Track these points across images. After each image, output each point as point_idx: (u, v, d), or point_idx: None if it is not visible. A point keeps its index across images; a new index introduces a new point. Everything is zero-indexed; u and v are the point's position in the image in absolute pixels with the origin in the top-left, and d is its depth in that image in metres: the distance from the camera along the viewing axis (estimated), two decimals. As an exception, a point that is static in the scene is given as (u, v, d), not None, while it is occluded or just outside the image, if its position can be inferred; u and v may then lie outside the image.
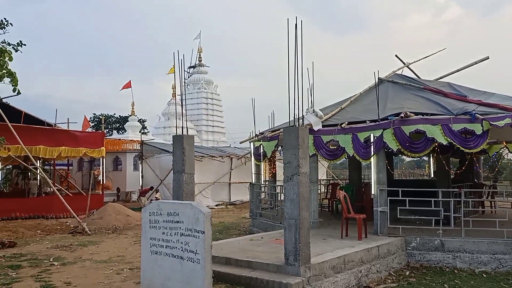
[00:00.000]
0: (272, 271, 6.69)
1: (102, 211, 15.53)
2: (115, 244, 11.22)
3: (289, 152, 6.62)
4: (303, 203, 6.51)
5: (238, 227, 14.09)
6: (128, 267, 8.33)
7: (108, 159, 24.27)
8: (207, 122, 40.80)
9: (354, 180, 14.30)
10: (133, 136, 31.53)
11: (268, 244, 8.60)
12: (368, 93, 12.20)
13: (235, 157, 23.95)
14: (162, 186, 22.29)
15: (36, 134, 16.74)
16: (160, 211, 5.94)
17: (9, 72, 9.06)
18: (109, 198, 22.77)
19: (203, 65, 43.40)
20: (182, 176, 7.75)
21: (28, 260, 9.09)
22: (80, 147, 18.34)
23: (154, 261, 5.90)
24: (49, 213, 16.52)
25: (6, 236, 11.92)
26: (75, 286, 7.01)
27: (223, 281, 6.77)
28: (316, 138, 10.03)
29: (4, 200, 17.29)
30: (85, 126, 26.10)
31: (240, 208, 21.27)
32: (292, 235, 6.49)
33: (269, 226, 11.44)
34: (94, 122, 47.26)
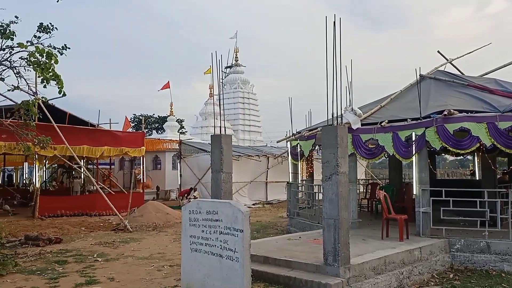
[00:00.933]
0: (311, 271, 6.63)
1: (143, 209, 15.90)
2: (155, 241, 11.46)
3: (328, 151, 6.54)
4: (342, 202, 6.42)
5: (275, 226, 14.08)
6: (169, 264, 8.48)
7: (148, 158, 24.87)
8: (243, 121, 41.05)
9: (394, 179, 13.98)
10: (172, 135, 32.15)
11: (306, 243, 8.54)
12: (409, 91, 11.89)
13: (272, 156, 23.96)
14: (200, 185, 22.58)
15: (80, 134, 17.34)
16: (199, 209, 6.01)
17: (55, 75, 9.41)
18: (149, 196, 23.32)
19: (239, 65, 43.69)
20: (220, 175, 7.81)
21: (73, 255, 9.43)
22: (122, 147, 18.88)
23: (194, 259, 5.97)
24: (92, 211, 17.07)
25: (52, 232, 12.40)
26: (118, 282, 7.21)
27: (261, 279, 6.78)
28: (355, 137, 9.88)
29: (50, 198, 18.02)
30: (126, 126, 26.87)
31: (277, 207, 21.25)
32: (331, 235, 6.41)
33: (306, 225, 11.37)
34: (134, 123, 48.52)
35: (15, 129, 10.43)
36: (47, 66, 9.22)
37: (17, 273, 7.72)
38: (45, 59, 9.17)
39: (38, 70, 9.24)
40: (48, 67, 9.22)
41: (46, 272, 7.87)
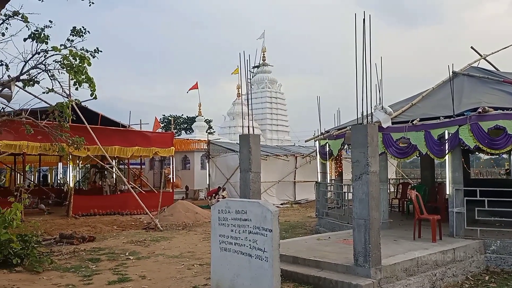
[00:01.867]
0: (341, 272, 6.57)
1: (173, 208, 16.11)
2: (185, 240, 11.59)
3: (358, 151, 6.46)
4: (372, 202, 6.33)
5: (304, 226, 14.01)
6: (198, 263, 8.57)
7: (177, 158, 25.19)
8: (271, 121, 41.03)
9: (426, 179, 13.68)
10: (200, 136, 32.44)
11: (336, 244, 8.46)
12: (441, 88, 11.60)
13: (300, 156, 23.84)
14: (228, 184, 22.70)
15: (111, 135, 17.71)
16: (228, 209, 6.04)
17: (87, 78, 9.65)
18: (179, 196, 23.61)
19: (267, 65, 43.69)
20: (249, 175, 7.82)
21: (106, 254, 9.64)
22: (152, 147, 19.19)
23: (224, 258, 6.01)
24: (124, 210, 17.39)
25: (86, 231, 12.72)
26: (149, 280, 7.33)
27: (290, 279, 6.76)
28: (385, 136, 9.71)
29: (84, 198, 18.48)
30: (155, 127, 27.26)
31: (305, 207, 21.14)
32: (362, 236, 6.33)
33: (336, 225, 11.26)
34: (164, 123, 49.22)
35: (50, 131, 10.76)
36: (80, 69, 9.46)
37: (52, 270, 7.96)
38: (78, 62, 9.42)
39: (72, 72, 9.50)
40: (81, 70, 9.47)
41: (80, 269, 8.08)
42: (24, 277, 7.40)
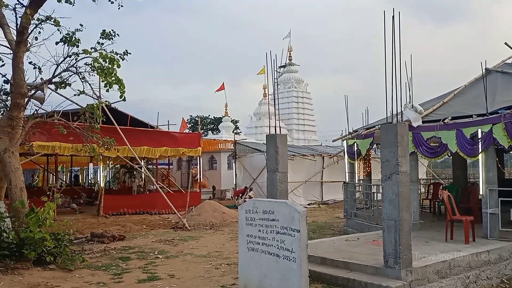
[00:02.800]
0: (370, 273, 6.47)
1: (200, 208, 16.24)
2: (212, 239, 11.66)
3: (387, 150, 6.34)
4: (403, 203, 6.21)
5: (332, 227, 13.88)
6: (226, 263, 8.59)
7: (204, 158, 25.39)
8: (297, 121, 40.81)
9: (458, 179, 13.32)
10: (227, 136, 32.58)
11: (365, 245, 8.34)
12: (473, 85, 11.28)
13: (327, 155, 23.64)
14: (255, 184, 22.72)
15: (140, 136, 17.99)
16: (255, 209, 6.02)
17: (117, 79, 9.83)
18: (206, 196, 23.78)
19: (293, 64, 43.47)
20: (276, 175, 7.80)
21: (135, 252, 9.80)
22: (179, 147, 19.39)
23: (251, 258, 6.00)
24: (152, 209, 17.62)
25: (116, 230, 12.95)
26: (178, 279, 7.40)
27: (319, 280, 6.71)
28: (416, 135, 9.51)
29: (114, 197, 18.85)
30: (183, 128, 27.56)
31: (333, 207, 20.95)
32: (392, 237, 6.22)
33: (365, 226, 11.10)
34: (191, 124, 49.69)
35: (82, 132, 11.02)
36: (110, 71, 9.66)
37: (84, 268, 8.15)
38: (108, 64, 9.62)
39: (102, 75, 9.71)
40: (111, 72, 9.66)
41: (111, 268, 8.23)
42: (57, 275, 7.59)
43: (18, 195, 8.77)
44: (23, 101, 9.27)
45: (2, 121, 9.40)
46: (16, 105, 9.13)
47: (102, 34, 9.92)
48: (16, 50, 8.93)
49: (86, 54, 9.61)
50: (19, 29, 8.80)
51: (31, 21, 8.73)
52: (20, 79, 9.02)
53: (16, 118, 9.15)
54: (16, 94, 9.08)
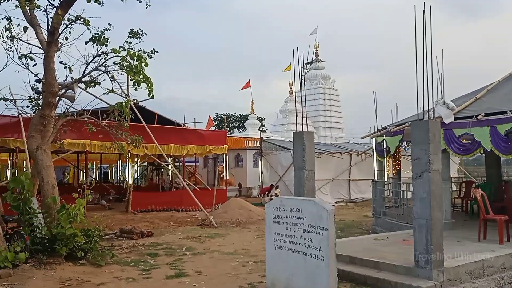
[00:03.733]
0: (401, 273, 6.34)
1: (227, 206, 16.29)
2: (239, 237, 11.68)
3: (418, 148, 6.19)
4: (434, 202, 6.05)
5: (360, 225, 13.68)
6: (253, 260, 8.58)
7: (230, 156, 25.46)
8: (324, 118, 40.48)
9: (492, 177, 12.91)
10: (253, 133, 32.61)
11: (395, 244, 8.18)
12: (508, 81, 10.91)
13: (355, 153, 23.33)
14: (281, 182, 22.64)
15: (168, 134, 18.20)
16: (283, 206, 5.98)
17: (145, 78, 9.95)
18: (232, 193, 23.85)
19: (320, 61, 43.13)
20: (303, 173, 7.73)
21: (163, 249, 9.91)
22: (206, 145, 19.52)
23: (278, 256, 5.96)
24: (179, 206, 17.78)
25: (144, 226, 13.14)
26: (205, 276, 7.43)
27: (347, 280, 6.62)
28: (447, 132, 9.25)
29: (142, 194, 19.13)
30: (209, 125, 27.74)
31: (360, 206, 20.66)
32: (423, 236, 6.08)
33: (394, 225, 10.90)
34: (217, 121, 49.98)
35: (111, 130, 11.21)
36: (138, 70, 9.78)
37: (113, 264, 8.28)
38: (136, 63, 9.74)
39: (130, 73, 9.84)
40: (139, 70, 9.77)
41: (139, 263, 8.35)
42: (88, 270, 7.75)
43: (50, 191, 8.99)
44: (54, 99, 9.49)
45: (34, 119, 9.65)
46: (47, 103, 9.35)
47: (130, 33, 10.05)
48: (48, 50, 9.14)
49: (114, 53, 9.76)
50: (50, 30, 9.00)
51: (61, 22, 8.92)
52: (52, 78, 9.22)
53: (47, 116, 9.37)
54: (47, 93, 9.29)
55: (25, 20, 9.28)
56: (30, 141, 9.44)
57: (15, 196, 8.10)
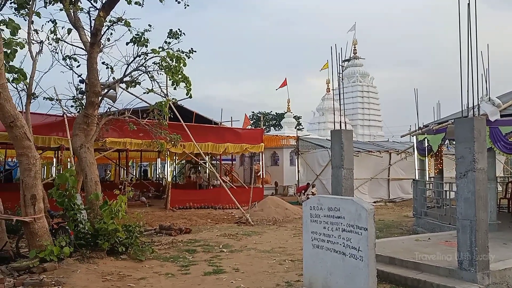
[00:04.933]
0: (443, 275, 6.16)
1: (263, 204, 16.32)
2: (276, 235, 11.67)
3: (462, 146, 5.98)
4: (479, 202, 5.84)
5: (400, 226, 13.36)
6: (290, 259, 8.55)
7: (266, 154, 25.47)
8: (362, 116, 39.85)
9: (540, 177, 12.29)
10: (289, 132, 32.50)
11: (437, 245, 7.94)
12: (559, 75, 10.34)
13: (394, 152, 22.81)
14: (318, 181, 22.45)
15: (205, 132, 18.43)
16: (320, 205, 5.91)
17: (183, 77, 10.11)
18: (268, 191, 23.87)
19: (358, 58, 42.48)
20: (341, 171, 7.63)
21: (201, 245, 10.03)
22: (242, 143, 19.63)
23: (316, 255, 5.90)
24: (216, 204, 17.98)
25: (182, 223, 13.36)
26: (242, 273, 7.47)
27: (387, 281, 6.49)
28: (493, 130, 8.89)
29: (180, 192, 19.46)
30: (245, 124, 27.88)
31: (400, 205, 20.20)
32: (467, 238, 5.88)
33: (436, 226, 10.58)
34: (253, 120, 50.15)
35: (151, 128, 11.46)
36: (176, 69, 9.95)
37: (153, 259, 8.47)
38: (174, 63, 9.91)
39: (169, 73, 10.02)
40: (178, 70, 9.94)
41: (178, 259, 8.49)
42: (129, 265, 7.95)
43: (93, 188, 9.29)
44: (97, 99, 9.79)
45: (78, 118, 9.99)
46: (91, 103, 9.66)
47: (169, 34, 10.23)
48: (91, 51, 9.44)
49: (154, 54, 9.97)
50: (92, 31, 9.29)
51: (103, 23, 9.17)
52: (95, 78, 9.52)
53: (91, 115, 9.67)
54: (91, 93, 9.60)
55: (69, 22, 9.61)
56: (74, 139, 9.77)
57: (61, 192, 8.39)
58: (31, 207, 7.47)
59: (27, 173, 7.50)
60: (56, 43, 9.96)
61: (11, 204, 10.32)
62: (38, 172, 7.75)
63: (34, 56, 9.39)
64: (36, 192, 7.54)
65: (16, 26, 7.19)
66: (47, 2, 9.22)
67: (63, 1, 8.98)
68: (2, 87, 7.15)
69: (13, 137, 7.45)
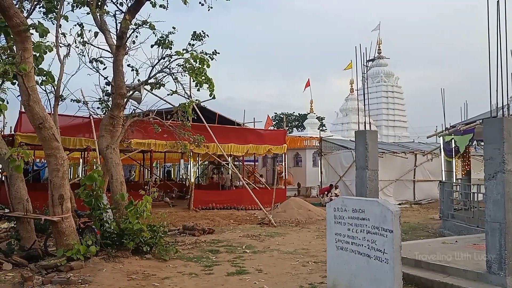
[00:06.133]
0: (471, 279, 6.02)
1: (285, 205, 16.27)
2: (299, 236, 11.62)
3: (491, 147, 5.84)
4: (509, 204, 5.70)
5: (426, 228, 13.11)
6: (313, 260, 8.50)
7: (289, 155, 25.42)
8: (387, 116, 39.33)
9: None
10: (312, 133, 32.35)
11: (464, 249, 7.75)
12: None
13: (420, 153, 22.41)
14: (341, 182, 22.25)
15: (228, 133, 18.50)
16: (344, 207, 5.86)
17: (207, 79, 10.17)
18: (291, 193, 23.80)
19: (382, 57, 41.97)
20: (365, 173, 7.54)
21: (224, 246, 10.07)
22: (265, 144, 19.64)
23: (340, 257, 5.85)
24: (239, 205, 18.03)
25: (205, 223, 13.44)
26: (265, 274, 7.46)
27: (412, 284, 6.40)
28: (523, 130, 8.62)
29: (203, 192, 19.60)
30: (268, 125, 27.89)
31: (426, 208, 19.83)
32: (496, 241, 5.74)
33: (463, 229, 10.34)
34: (275, 121, 50.12)
35: (174, 129, 11.57)
36: (200, 71, 10.02)
37: (177, 259, 8.54)
38: (198, 65, 9.98)
39: (193, 75, 10.11)
40: (201, 72, 10.01)
41: (201, 259, 8.55)
42: (153, 264, 8.05)
43: (119, 188, 9.43)
44: (123, 101, 9.94)
45: (104, 120, 10.17)
46: (116, 105, 9.82)
47: (193, 36, 10.32)
48: (116, 53, 9.60)
49: (178, 56, 10.06)
50: (118, 34, 9.44)
51: (129, 26, 9.32)
52: (120, 80, 9.67)
53: (116, 117, 9.84)
54: (116, 95, 9.76)
55: (95, 25, 9.80)
56: (101, 140, 9.95)
57: (87, 192, 8.55)
58: (59, 207, 7.64)
59: (55, 173, 7.68)
60: (83, 46, 10.16)
61: (40, 204, 10.59)
62: (66, 172, 7.94)
63: (62, 59, 9.60)
64: (63, 192, 7.72)
65: (45, 30, 7.38)
66: (75, 6, 9.41)
67: (90, 5, 9.17)
68: (32, 89, 7.35)
69: (42, 138, 7.64)
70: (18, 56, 7.12)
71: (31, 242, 8.14)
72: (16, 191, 8.35)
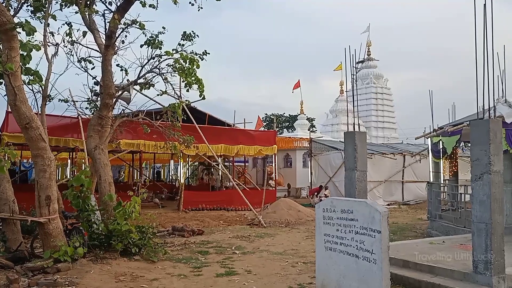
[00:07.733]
0: (458, 279, 6.09)
1: (275, 206, 16.27)
2: (288, 237, 11.63)
3: (478, 148, 5.90)
4: (495, 205, 5.76)
5: (414, 229, 13.22)
6: (302, 261, 8.52)
7: (279, 156, 25.42)
8: (376, 118, 39.60)
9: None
10: (302, 134, 32.43)
11: (451, 249, 7.82)
12: None
13: (408, 154, 22.59)
14: (331, 183, 22.34)
15: (218, 134, 18.46)
16: (333, 207, 5.88)
17: (197, 79, 10.14)
18: (281, 193, 23.81)
19: (372, 59, 42.24)
20: (354, 173, 7.56)
21: (213, 247, 10.05)
22: (255, 145, 19.62)
23: (329, 258, 5.87)
24: (229, 206, 17.98)
25: (195, 224, 13.40)
26: (255, 275, 7.46)
27: (400, 284, 6.44)
28: (509, 132, 8.77)
29: (193, 193, 19.52)
30: (258, 126, 27.87)
31: (414, 208, 19.98)
32: (482, 241, 5.81)
33: (450, 229, 10.45)
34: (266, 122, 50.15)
35: (164, 130, 11.51)
36: (190, 72, 9.98)
37: (166, 260, 8.51)
38: (188, 65, 9.94)
39: (182, 75, 10.06)
40: (191, 72, 9.97)
41: (191, 261, 8.52)
42: (142, 266, 8.00)
43: (107, 189, 9.37)
44: (112, 101, 9.87)
45: (92, 120, 10.09)
46: (105, 105, 9.75)
47: (183, 36, 10.27)
48: (105, 53, 9.53)
49: (168, 56, 10.02)
50: (107, 33, 9.38)
51: (118, 26, 9.25)
52: (109, 80, 9.61)
53: (105, 117, 9.77)
54: (105, 95, 9.69)
55: (84, 25, 9.72)
56: (89, 140, 9.88)
57: (75, 194, 8.47)
58: (46, 208, 7.56)
59: (42, 174, 7.60)
60: (72, 46, 10.07)
61: (26, 205, 10.46)
62: (53, 173, 7.85)
63: (50, 58, 9.51)
64: (51, 193, 7.64)
65: (32, 28, 7.29)
66: (63, 5, 9.33)
67: (79, 4, 9.09)
68: (18, 89, 7.27)
69: (29, 138, 7.56)
70: (4, 55, 7.03)
71: (17, 244, 8.04)
72: (2, 192, 8.26)
